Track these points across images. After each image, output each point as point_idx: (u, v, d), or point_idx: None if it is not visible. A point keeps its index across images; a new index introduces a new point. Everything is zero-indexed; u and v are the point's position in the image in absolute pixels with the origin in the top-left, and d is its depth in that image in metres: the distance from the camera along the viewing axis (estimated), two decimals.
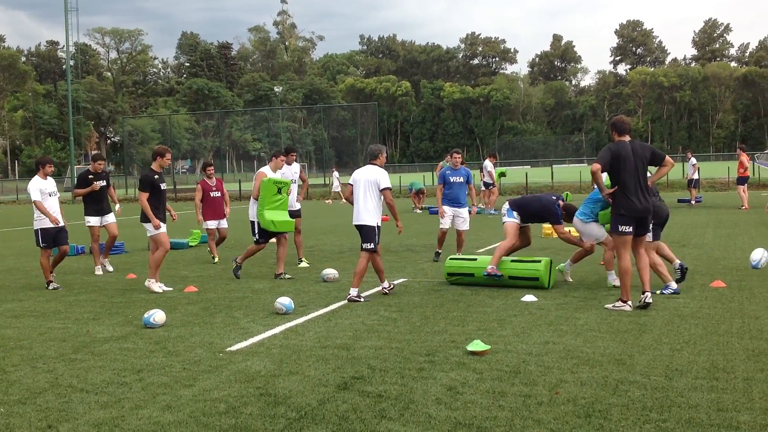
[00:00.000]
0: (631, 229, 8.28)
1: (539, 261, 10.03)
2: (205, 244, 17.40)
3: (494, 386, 5.49)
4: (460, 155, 13.25)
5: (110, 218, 13.28)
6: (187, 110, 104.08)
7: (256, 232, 11.60)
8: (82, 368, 6.40)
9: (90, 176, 13.24)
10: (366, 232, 9.50)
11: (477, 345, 6.50)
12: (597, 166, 8.35)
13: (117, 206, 13.80)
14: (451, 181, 12.89)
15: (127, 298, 10.13)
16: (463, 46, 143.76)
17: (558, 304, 8.71)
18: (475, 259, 10.50)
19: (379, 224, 9.50)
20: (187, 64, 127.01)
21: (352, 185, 9.75)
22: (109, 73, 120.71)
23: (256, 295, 10.09)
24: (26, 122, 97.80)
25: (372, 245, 9.47)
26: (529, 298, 9.02)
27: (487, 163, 25.08)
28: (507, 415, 4.86)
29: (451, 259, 10.70)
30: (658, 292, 8.97)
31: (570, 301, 8.90)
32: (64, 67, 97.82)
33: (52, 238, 11.27)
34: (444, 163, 27.95)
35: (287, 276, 11.62)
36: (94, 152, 17.38)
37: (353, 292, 9.35)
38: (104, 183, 13.31)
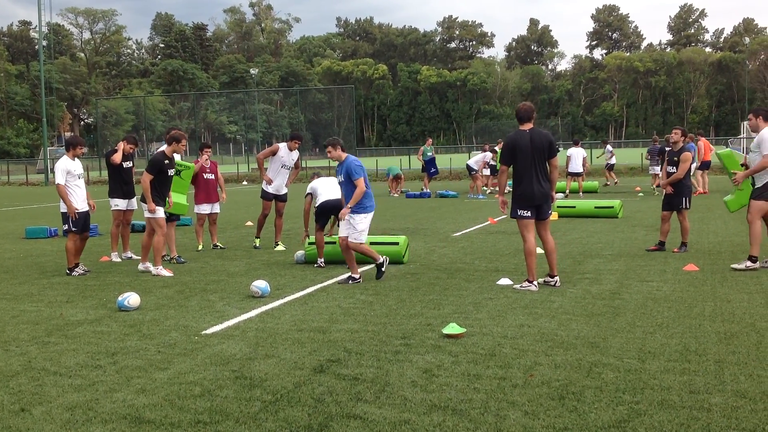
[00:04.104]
0: (529, 214, 8.59)
1: (397, 243, 10.96)
2: (184, 227, 17.21)
3: (469, 369, 5.52)
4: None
5: (134, 204, 12.28)
6: (161, 92, 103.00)
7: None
8: (55, 351, 6.34)
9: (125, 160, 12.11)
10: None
11: (452, 328, 6.53)
12: (503, 168, 8.73)
13: None
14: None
15: (101, 281, 10.05)
16: (440, 29, 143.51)
17: None
18: (334, 243, 10.99)
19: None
20: (162, 46, 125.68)
21: None
22: (82, 54, 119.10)
23: (231, 278, 10.05)
24: None
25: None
26: (505, 281, 9.06)
27: (488, 154, 26.52)
28: (482, 398, 4.89)
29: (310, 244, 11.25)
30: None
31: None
32: (36, 47, 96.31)
33: (83, 221, 10.63)
34: (426, 147, 28.41)
35: (182, 259, 11.68)
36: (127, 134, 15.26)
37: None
38: (130, 164, 12.23)
